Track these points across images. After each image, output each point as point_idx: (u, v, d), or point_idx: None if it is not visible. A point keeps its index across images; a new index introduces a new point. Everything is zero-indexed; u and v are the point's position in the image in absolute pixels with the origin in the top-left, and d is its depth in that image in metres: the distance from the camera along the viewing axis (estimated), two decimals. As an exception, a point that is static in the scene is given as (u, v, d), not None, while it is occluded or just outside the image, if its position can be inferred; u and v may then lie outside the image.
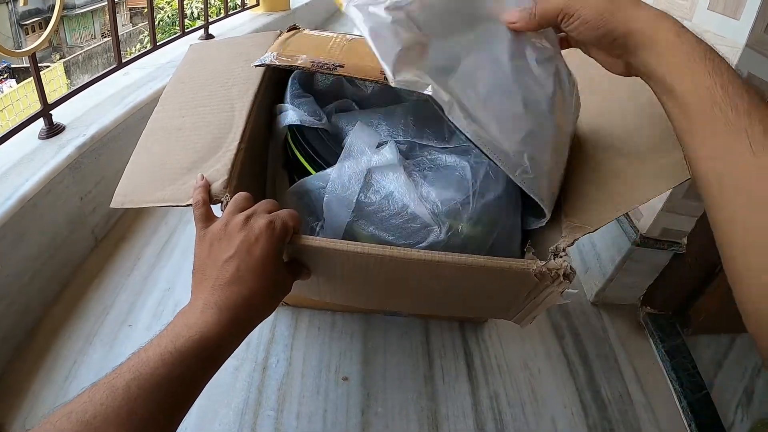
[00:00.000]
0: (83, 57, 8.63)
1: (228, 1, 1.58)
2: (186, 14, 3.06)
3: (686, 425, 0.59)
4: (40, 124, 0.71)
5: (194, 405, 0.31)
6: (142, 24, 10.13)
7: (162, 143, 0.46)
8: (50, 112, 0.72)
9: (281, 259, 0.38)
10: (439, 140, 0.50)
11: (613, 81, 0.49)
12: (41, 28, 9.08)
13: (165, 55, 1.10)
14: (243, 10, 1.72)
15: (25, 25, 9.21)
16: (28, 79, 5.55)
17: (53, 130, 0.71)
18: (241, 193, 0.39)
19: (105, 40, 9.70)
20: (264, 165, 0.53)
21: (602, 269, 0.73)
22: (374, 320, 0.66)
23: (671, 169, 0.38)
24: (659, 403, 0.61)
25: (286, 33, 0.60)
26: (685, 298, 0.73)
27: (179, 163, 0.44)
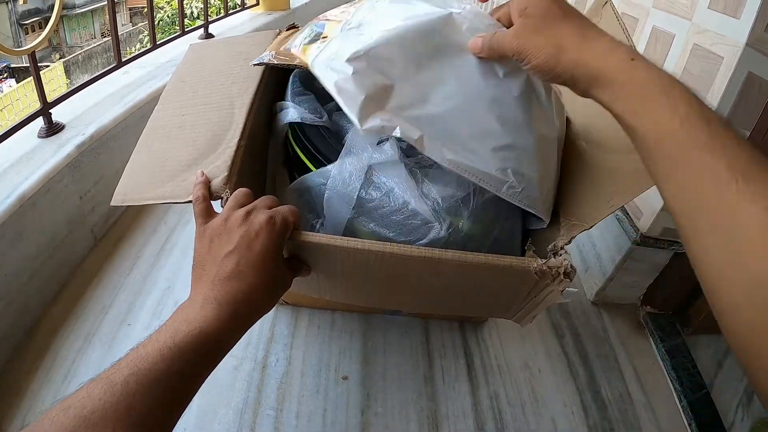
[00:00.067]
0: (83, 57, 8.63)
1: (228, 1, 1.58)
2: (186, 14, 3.06)
3: (686, 425, 0.59)
4: (39, 122, 0.71)
5: (194, 404, 0.31)
6: (142, 24, 10.13)
7: (162, 141, 0.46)
8: (50, 111, 0.72)
9: (281, 255, 0.37)
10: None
11: None
12: (41, 27, 9.07)
13: (165, 54, 1.10)
14: (243, 9, 1.72)
15: (25, 24, 9.21)
16: (28, 79, 5.55)
17: (53, 129, 0.71)
18: (242, 189, 0.39)
19: (105, 39, 9.71)
20: (264, 163, 0.53)
21: (602, 268, 0.73)
22: (374, 320, 0.66)
23: None
24: (659, 403, 0.61)
25: (285, 32, 0.60)
26: (685, 298, 0.73)
27: (179, 160, 0.43)
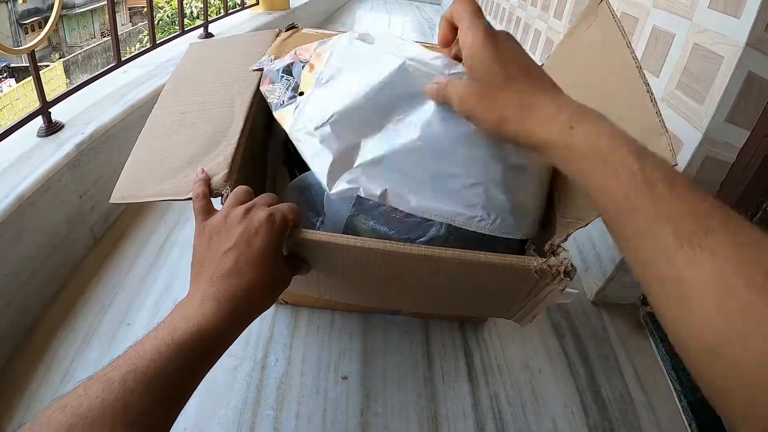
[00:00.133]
0: (83, 56, 8.63)
1: (227, 0, 1.58)
2: (185, 14, 3.06)
3: (687, 425, 0.59)
4: (39, 122, 0.71)
5: (192, 404, 0.31)
6: (142, 23, 10.13)
7: (162, 139, 0.46)
8: (49, 110, 0.71)
9: (281, 252, 0.37)
10: None
11: (598, 73, 0.49)
12: (41, 27, 9.07)
13: (164, 53, 1.10)
14: (242, 9, 1.72)
15: (25, 24, 9.21)
16: (28, 79, 5.55)
17: (52, 128, 0.71)
18: (242, 187, 0.39)
19: (104, 39, 9.71)
20: (264, 163, 0.53)
21: (602, 268, 0.73)
22: (374, 320, 0.66)
23: None
24: (659, 403, 0.61)
25: (284, 32, 0.60)
26: (685, 298, 0.72)
27: (179, 158, 0.43)
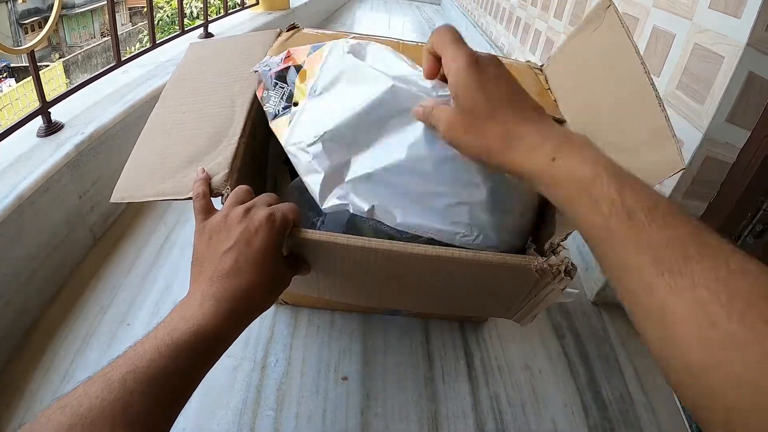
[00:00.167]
0: (82, 56, 8.62)
1: (227, 0, 1.58)
2: (185, 13, 3.05)
3: (687, 425, 0.59)
4: (38, 122, 0.71)
5: (192, 404, 0.31)
6: (142, 23, 10.13)
7: (162, 138, 0.46)
8: (49, 110, 0.71)
9: (281, 252, 0.37)
10: None
11: (604, 76, 0.49)
12: (40, 27, 9.07)
13: (164, 53, 1.10)
14: (242, 9, 1.72)
15: (25, 24, 9.20)
16: (27, 78, 5.54)
17: (52, 128, 0.71)
18: (242, 186, 0.39)
19: (104, 39, 9.71)
20: (264, 162, 0.53)
21: (603, 269, 0.73)
22: (374, 320, 0.66)
23: (660, 164, 0.38)
24: (660, 403, 0.61)
25: (285, 33, 0.60)
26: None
27: (180, 157, 0.43)
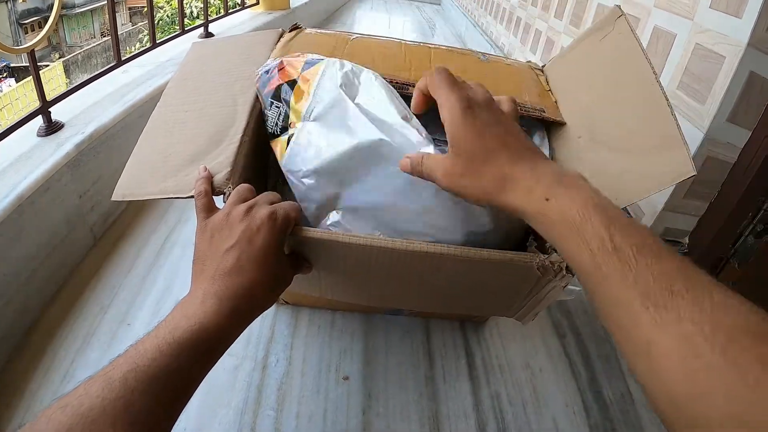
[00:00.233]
0: (82, 56, 8.62)
1: (227, 0, 1.58)
2: (185, 13, 3.05)
3: (688, 425, 0.59)
4: (38, 121, 0.71)
5: (193, 404, 0.31)
6: (142, 23, 10.13)
7: (164, 137, 0.46)
8: (49, 110, 0.71)
9: (282, 250, 0.37)
10: (442, 134, 0.50)
11: (612, 79, 0.49)
12: (40, 26, 9.07)
13: (165, 53, 1.10)
14: (243, 8, 1.72)
15: (25, 24, 9.21)
16: (27, 78, 5.54)
17: (52, 128, 0.70)
18: (244, 185, 0.39)
19: (104, 39, 9.71)
20: (266, 162, 0.53)
21: (603, 269, 0.73)
22: (375, 319, 0.66)
23: (666, 169, 0.38)
24: (661, 403, 0.61)
25: (288, 33, 0.60)
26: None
27: (181, 156, 0.43)
